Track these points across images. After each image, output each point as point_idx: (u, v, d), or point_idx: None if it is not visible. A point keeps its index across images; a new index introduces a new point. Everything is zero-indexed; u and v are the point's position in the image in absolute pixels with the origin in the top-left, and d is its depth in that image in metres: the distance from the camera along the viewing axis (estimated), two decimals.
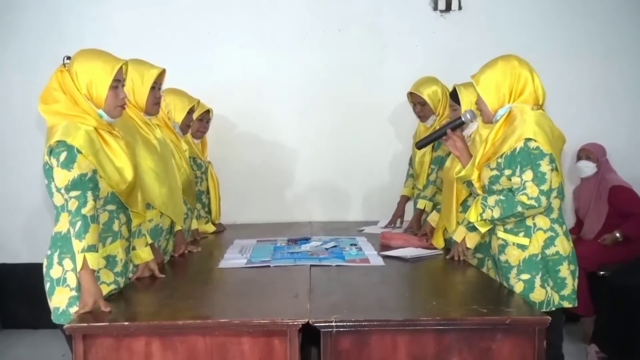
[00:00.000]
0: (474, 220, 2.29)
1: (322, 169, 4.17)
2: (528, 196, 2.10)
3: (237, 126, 4.14)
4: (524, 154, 2.11)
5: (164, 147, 2.63)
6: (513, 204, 2.13)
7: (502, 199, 2.16)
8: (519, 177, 2.12)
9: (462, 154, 2.40)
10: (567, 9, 4.06)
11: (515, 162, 2.13)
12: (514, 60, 2.22)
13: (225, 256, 2.81)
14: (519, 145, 2.11)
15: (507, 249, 2.23)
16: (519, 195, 2.11)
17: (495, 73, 2.22)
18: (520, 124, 2.12)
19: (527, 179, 2.10)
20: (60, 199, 1.99)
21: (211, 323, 1.86)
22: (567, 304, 2.19)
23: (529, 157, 2.10)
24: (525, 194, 2.10)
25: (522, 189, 2.11)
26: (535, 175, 2.10)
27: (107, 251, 2.09)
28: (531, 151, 2.10)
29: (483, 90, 2.24)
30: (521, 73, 2.19)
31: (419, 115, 3.43)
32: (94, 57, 2.07)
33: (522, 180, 2.11)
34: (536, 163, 2.10)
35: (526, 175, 2.11)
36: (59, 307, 2.03)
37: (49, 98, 2.04)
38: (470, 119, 2.48)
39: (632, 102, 4.15)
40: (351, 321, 1.83)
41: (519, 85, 2.19)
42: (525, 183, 2.10)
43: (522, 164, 2.11)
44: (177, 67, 3.60)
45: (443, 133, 2.47)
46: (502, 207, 2.16)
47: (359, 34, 4.10)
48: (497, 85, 2.20)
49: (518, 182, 2.13)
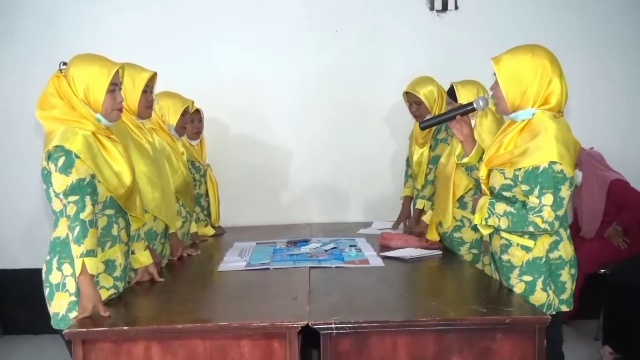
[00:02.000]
0: (477, 222, 2.23)
1: (320, 170, 4.17)
2: (543, 219, 2.03)
3: (235, 128, 4.14)
4: (547, 176, 2.02)
5: (157, 151, 2.62)
6: (525, 222, 2.05)
7: (514, 213, 2.08)
8: (538, 199, 2.03)
9: (467, 141, 2.37)
10: (563, 8, 4.07)
11: (536, 182, 2.04)
12: (547, 61, 2.07)
13: (225, 259, 2.81)
14: (543, 166, 2.02)
15: (510, 249, 2.19)
16: (533, 216, 2.03)
17: (523, 68, 2.07)
18: (545, 142, 2.02)
19: (546, 203, 2.02)
20: (58, 204, 1.99)
21: (211, 326, 1.85)
22: (565, 307, 2.17)
23: (552, 181, 2.02)
24: (540, 216, 2.03)
25: (538, 211, 2.03)
26: (555, 201, 2.02)
27: (106, 256, 2.08)
28: (555, 174, 2.01)
29: (504, 81, 2.11)
30: (552, 80, 2.06)
31: (415, 115, 3.43)
32: (90, 62, 2.07)
33: (540, 203, 2.03)
34: (558, 187, 2.02)
35: (545, 199, 2.02)
36: (58, 312, 2.03)
37: (46, 104, 2.04)
38: (483, 106, 2.36)
39: (629, 100, 4.16)
40: (351, 322, 1.83)
41: (547, 91, 2.07)
42: (543, 206, 2.03)
43: (543, 186, 2.02)
44: (174, 69, 3.63)
45: (451, 117, 2.39)
46: (512, 220, 2.08)
47: (355, 34, 4.10)
48: (523, 83, 2.08)
49: (535, 202, 2.04)
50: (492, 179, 2.20)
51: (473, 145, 2.37)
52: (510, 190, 2.13)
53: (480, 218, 2.19)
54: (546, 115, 2.08)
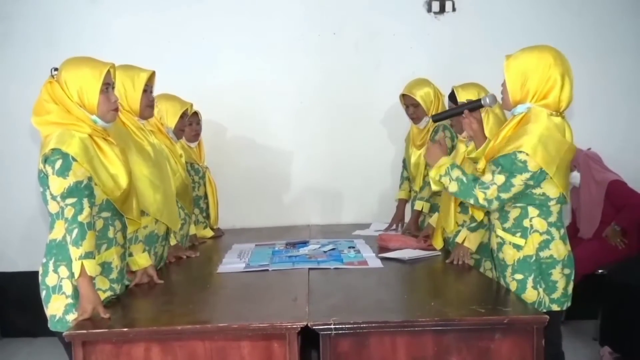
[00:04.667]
0: (431, 177, 2.33)
1: (319, 172, 4.17)
2: (485, 196, 2.14)
3: (233, 130, 4.14)
4: (508, 160, 2.09)
5: (158, 153, 2.62)
6: (468, 193, 2.19)
7: (464, 182, 2.21)
8: (492, 176, 2.13)
9: (477, 136, 2.42)
10: (561, 9, 4.08)
11: (498, 163, 2.13)
12: (550, 58, 2.10)
13: (224, 261, 2.81)
14: (510, 151, 2.08)
15: (503, 247, 2.23)
16: (478, 190, 2.15)
17: (527, 64, 2.11)
18: (528, 132, 2.07)
19: (496, 182, 2.11)
20: (55, 206, 1.99)
21: (210, 328, 1.86)
22: (556, 307, 2.18)
23: (511, 166, 2.09)
24: (484, 192, 2.14)
25: (485, 188, 2.14)
26: (504, 183, 2.10)
27: (102, 258, 2.08)
28: (516, 161, 2.08)
29: (510, 77, 2.15)
30: (551, 76, 2.09)
31: (412, 117, 3.44)
32: (81, 64, 2.07)
33: (492, 181, 2.12)
34: (513, 174, 2.09)
35: (497, 179, 2.11)
36: (55, 314, 2.02)
37: (41, 110, 2.04)
38: (490, 103, 2.41)
39: (627, 101, 4.17)
40: (350, 323, 1.83)
41: (545, 87, 2.10)
42: (492, 184, 2.12)
43: (503, 168, 2.11)
44: (173, 72, 3.63)
45: (460, 112, 2.46)
46: (459, 187, 2.22)
47: (354, 36, 4.11)
48: (525, 78, 2.11)
49: (488, 179, 2.14)
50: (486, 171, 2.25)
51: (483, 140, 2.40)
52: None
53: (436, 173, 2.31)
54: (542, 111, 2.11)
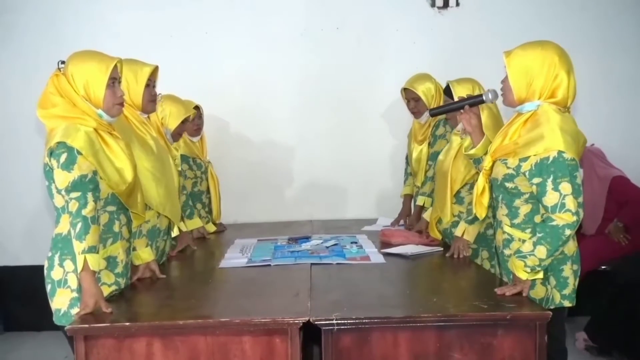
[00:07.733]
0: (525, 277, 2.06)
1: (321, 167, 4.16)
2: (571, 212, 2.00)
3: (236, 125, 4.13)
4: (559, 164, 2.01)
5: (160, 147, 2.62)
6: (558, 233, 2.01)
7: (541, 235, 2.03)
8: (555, 191, 2.01)
9: (475, 132, 2.38)
10: (563, 5, 4.07)
11: (548, 172, 2.03)
12: (555, 56, 2.09)
13: (226, 256, 2.82)
14: (552, 155, 2.02)
15: (512, 243, 2.19)
16: (561, 214, 2.00)
17: (531, 61, 2.09)
18: (549, 132, 2.03)
19: (566, 192, 2.01)
20: (60, 200, 2.00)
21: (212, 322, 1.86)
22: (567, 303, 2.17)
23: (567, 169, 2.01)
24: (567, 210, 2.00)
25: (562, 207, 2.00)
26: (574, 188, 2.01)
27: (107, 252, 2.09)
28: (568, 162, 2.01)
29: (513, 74, 2.12)
30: (559, 74, 2.08)
31: (413, 111, 3.44)
32: (88, 58, 2.07)
33: (561, 195, 2.01)
34: (573, 175, 2.02)
35: (563, 188, 2.01)
36: (60, 308, 2.03)
37: (46, 103, 2.04)
38: (492, 99, 2.37)
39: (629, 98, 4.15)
40: (352, 319, 1.83)
41: (552, 85, 2.09)
42: (565, 197, 2.01)
43: (557, 175, 2.01)
44: (176, 67, 3.63)
45: (460, 107, 2.41)
46: (547, 241, 2.02)
47: (356, 31, 4.09)
48: (530, 76, 2.10)
49: (554, 198, 2.02)
50: (495, 170, 2.22)
51: (481, 137, 2.37)
52: (512, 180, 2.13)
53: (521, 270, 2.07)
54: (551, 108, 2.10)
